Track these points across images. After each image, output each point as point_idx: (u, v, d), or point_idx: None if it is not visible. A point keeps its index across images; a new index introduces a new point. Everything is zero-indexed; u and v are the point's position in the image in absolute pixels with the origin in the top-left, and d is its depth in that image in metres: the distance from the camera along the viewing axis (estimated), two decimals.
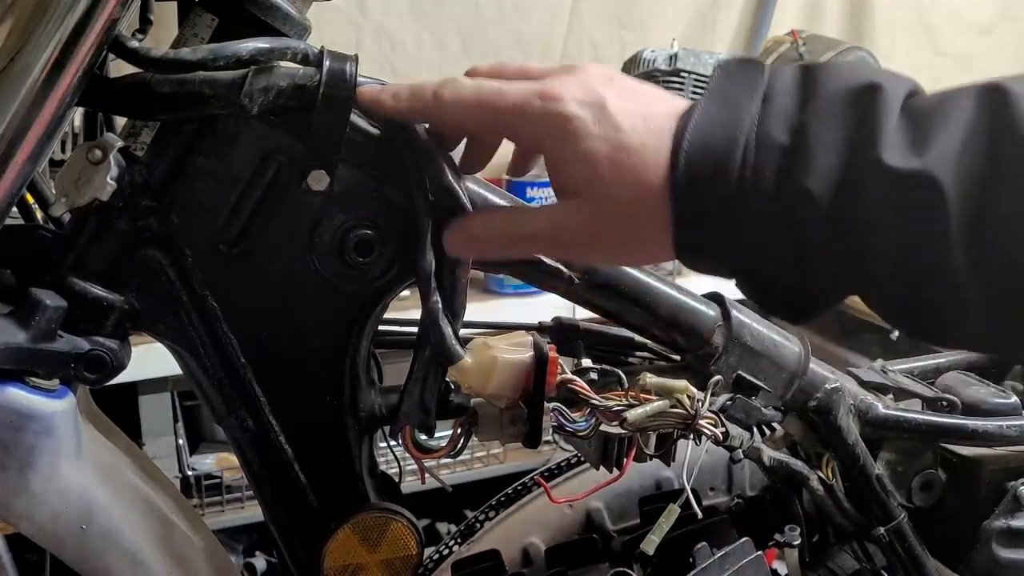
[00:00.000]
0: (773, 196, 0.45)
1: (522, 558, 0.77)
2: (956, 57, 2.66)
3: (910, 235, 0.44)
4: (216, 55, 0.52)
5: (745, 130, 0.46)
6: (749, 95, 0.47)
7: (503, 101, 0.51)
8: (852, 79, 0.46)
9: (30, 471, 0.53)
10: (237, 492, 1.72)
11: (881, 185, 0.43)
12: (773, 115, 0.46)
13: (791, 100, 0.47)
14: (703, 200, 0.47)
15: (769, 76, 0.48)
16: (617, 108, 0.49)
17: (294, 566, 0.64)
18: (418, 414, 0.59)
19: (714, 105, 0.48)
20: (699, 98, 0.49)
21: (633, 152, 0.48)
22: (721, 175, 0.46)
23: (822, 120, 0.45)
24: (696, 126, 0.47)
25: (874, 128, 0.44)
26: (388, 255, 0.59)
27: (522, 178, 1.89)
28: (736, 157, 0.46)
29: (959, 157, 0.43)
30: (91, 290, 0.55)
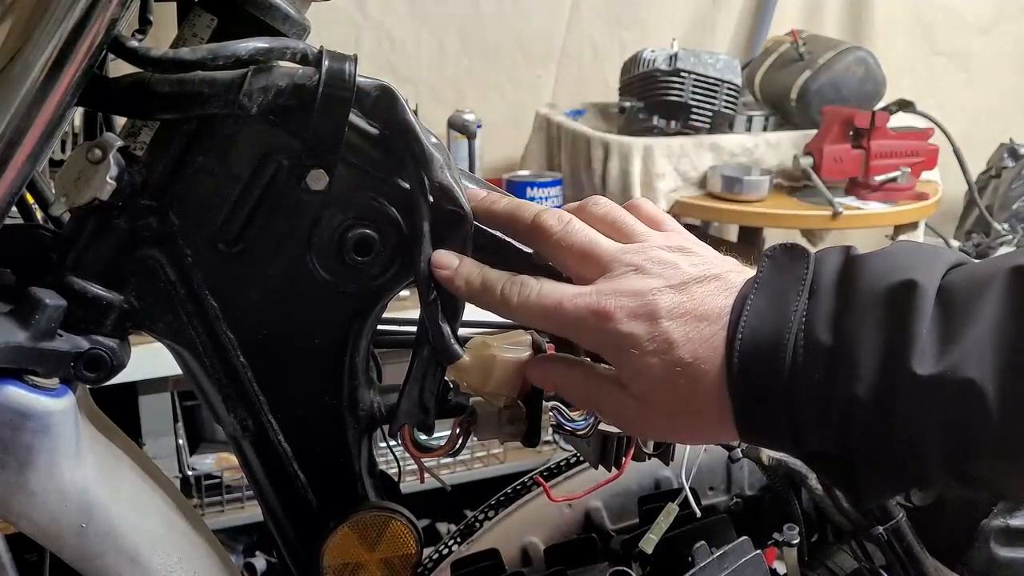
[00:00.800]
0: (822, 400, 0.47)
1: (521, 557, 0.77)
2: (953, 56, 2.66)
3: (953, 439, 0.45)
4: (215, 55, 0.52)
5: (793, 330, 0.48)
6: (796, 290, 0.49)
7: (562, 317, 0.53)
8: (890, 275, 0.48)
9: (29, 470, 0.53)
10: (237, 492, 1.72)
11: (915, 394, 0.45)
12: (819, 315, 0.48)
13: (834, 298, 0.48)
14: (758, 398, 0.49)
15: (814, 268, 0.50)
16: (670, 314, 0.51)
17: (293, 565, 0.64)
18: (417, 413, 0.59)
19: (763, 300, 0.50)
20: (748, 286, 0.51)
21: (687, 366, 0.50)
22: (773, 376, 0.48)
23: (862, 323, 0.47)
24: (747, 326, 0.49)
25: (907, 335, 0.45)
26: (387, 255, 0.59)
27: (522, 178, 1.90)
28: (785, 359, 0.48)
29: (993, 350, 0.44)
30: (91, 289, 0.55)
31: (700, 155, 1.93)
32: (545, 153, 2.08)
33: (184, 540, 0.62)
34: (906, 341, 0.45)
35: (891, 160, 1.95)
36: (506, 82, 2.29)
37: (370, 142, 0.57)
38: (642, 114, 1.96)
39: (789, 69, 2.10)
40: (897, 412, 0.45)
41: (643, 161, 1.88)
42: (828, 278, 0.49)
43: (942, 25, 2.63)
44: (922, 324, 0.45)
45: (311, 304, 0.59)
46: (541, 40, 2.31)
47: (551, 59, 2.33)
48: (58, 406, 0.53)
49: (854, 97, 2.03)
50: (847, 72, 2.04)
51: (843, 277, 0.49)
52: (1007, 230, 2.18)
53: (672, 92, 1.93)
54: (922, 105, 2.05)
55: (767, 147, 2.01)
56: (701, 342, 0.50)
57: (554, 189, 1.87)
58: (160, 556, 0.59)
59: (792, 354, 0.48)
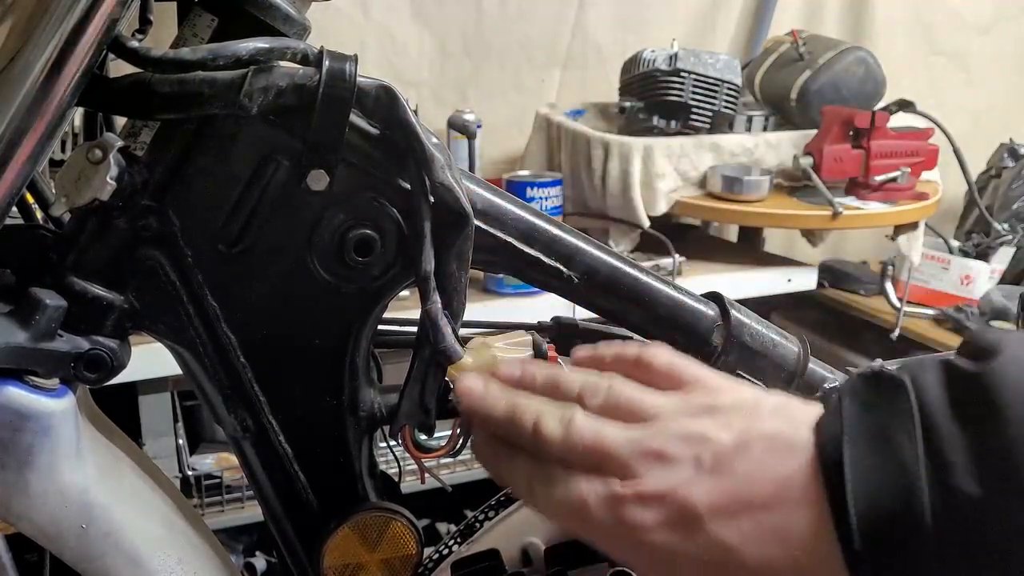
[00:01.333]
0: (995, 568, 0.36)
1: (522, 558, 0.77)
2: (953, 56, 2.66)
3: None
4: (216, 55, 0.52)
5: (921, 486, 0.37)
6: (904, 430, 0.38)
7: (589, 523, 0.43)
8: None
9: (29, 471, 0.53)
10: (237, 492, 1.72)
11: None
12: (950, 459, 0.36)
13: (963, 433, 0.37)
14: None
15: (918, 398, 0.38)
16: (712, 511, 0.40)
17: (293, 566, 0.64)
18: (418, 414, 0.59)
19: (863, 453, 0.38)
20: (828, 437, 0.39)
21: (753, 571, 0.40)
22: (915, 554, 0.37)
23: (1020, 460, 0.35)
24: (857, 495, 0.37)
25: None
26: (388, 255, 0.59)
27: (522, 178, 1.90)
28: (925, 528, 0.36)
29: None
30: (91, 290, 0.55)
31: (700, 155, 1.93)
32: (545, 153, 2.08)
33: (184, 540, 0.62)
34: None
35: (891, 160, 1.95)
36: (509, 85, 2.29)
37: (371, 142, 0.56)
38: (642, 114, 1.96)
39: (789, 69, 2.10)
40: None
41: (643, 161, 1.88)
42: (939, 405, 0.38)
43: (942, 25, 2.63)
44: None
45: (311, 304, 0.59)
46: (545, 43, 2.30)
47: (555, 62, 2.33)
48: (58, 407, 0.53)
49: (854, 97, 2.03)
50: (847, 72, 2.04)
51: (963, 401, 0.38)
52: (1007, 230, 2.18)
53: (672, 92, 1.93)
54: (922, 105, 2.05)
55: (767, 147, 2.01)
56: (769, 537, 0.39)
57: (554, 189, 1.87)
58: (160, 557, 0.59)
59: (932, 518, 0.36)
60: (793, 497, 0.39)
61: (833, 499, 0.38)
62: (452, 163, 0.57)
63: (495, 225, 0.61)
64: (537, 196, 1.83)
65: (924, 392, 0.38)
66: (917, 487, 0.36)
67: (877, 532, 0.37)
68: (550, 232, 0.63)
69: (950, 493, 0.36)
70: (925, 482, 0.36)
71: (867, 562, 0.37)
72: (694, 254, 1.94)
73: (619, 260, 0.65)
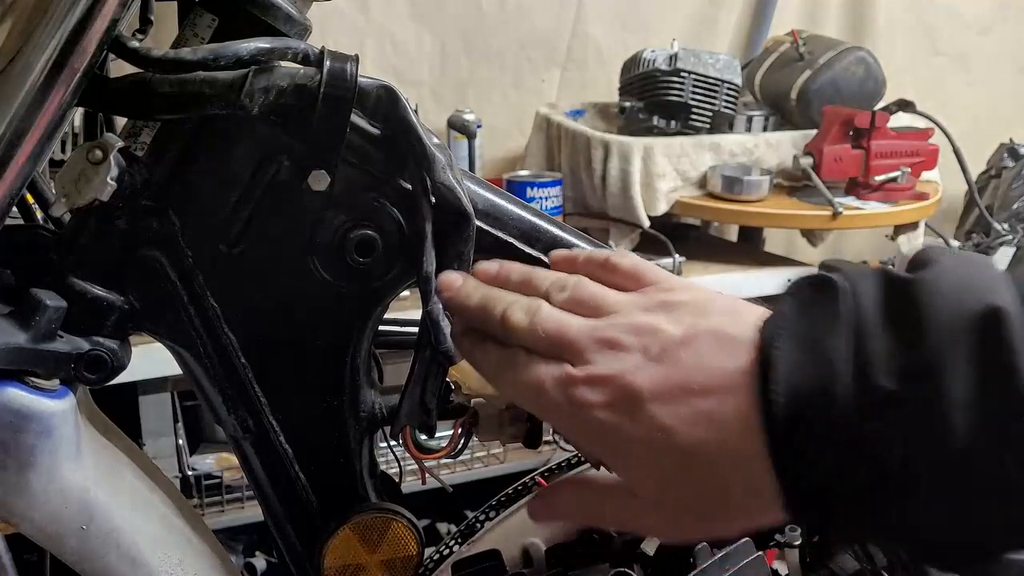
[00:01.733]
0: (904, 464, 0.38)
1: (522, 558, 0.77)
2: (955, 57, 2.66)
3: None
4: (216, 55, 0.52)
5: (844, 381, 0.39)
6: (834, 331, 0.40)
7: (543, 403, 0.47)
8: (960, 303, 0.39)
9: (30, 471, 0.53)
10: (237, 492, 1.72)
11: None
12: (874, 358, 0.39)
13: (890, 335, 0.39)
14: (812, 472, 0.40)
15: (853, 302, 0.41)
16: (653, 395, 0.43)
17: (293, 566, 0.64)
18: (419, 414, 0.59)
19: (795, 350, 0.40)
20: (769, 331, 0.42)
21: (692, 454, 0.42)
22: (829, 442, 0.39)
23: (943, 365, 0.38)
24: (782, 385, 0.40)
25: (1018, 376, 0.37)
26: (389, 256, 0.59)
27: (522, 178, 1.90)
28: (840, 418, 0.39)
29: None
30: (91, 290, 0.55)
31: (700, 155, 1.93)
32: (545, 153, 2.08)
33: (184, 540, 0.62)
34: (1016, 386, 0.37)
35: (891, 160, 1.95)
36: (509, 85, 2.29)
37: (372, 143, 0.56)
38: (642, 114, 1.96)
39: (789, 69, 2.10)
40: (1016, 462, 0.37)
41: (643, 161, 1.88)
42: (872, 311, 0.40)
43: (942, 25, 2.63)
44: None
45: (312, 305, 0.59)
46: (545, 43, 2.30)
47: (555, 62, 2.33)
48: (59, 407, 0.53)
49: (854, 97, 2.03)
50: (847, 72, 2.04)
51: (892, 307, 0.40)
52: (1007, 230, 2.18)
53: (672, 92, 1.93)
54: (924, 105, 2.05)
55: (767, 147, 2.01)
56: (702, 421, 0.42)
57: (554, 189, 1.87)
58: (160, 557, 0.59)
59: (848, 409, 0.39)
60: (727, 385, 0.42)
61: (762, 388, 0.41)
62: (453, 163, 0.57)
63: (495, 225, 0.61)
64: (537, 196, 1.83)
65: (859, 296, 0.41)
66: (838, 381, 0.39)
67: (797, 420, 0.39)
68: (550, 232, 0.62)
69: (869, 389, 0.38)
70: (847, 376, 0.39)
71: (786, 447, 0.40)
72: (694, 254, 1.94)
73: None
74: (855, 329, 0.40)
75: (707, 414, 0.42)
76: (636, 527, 0.50)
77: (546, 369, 0.47)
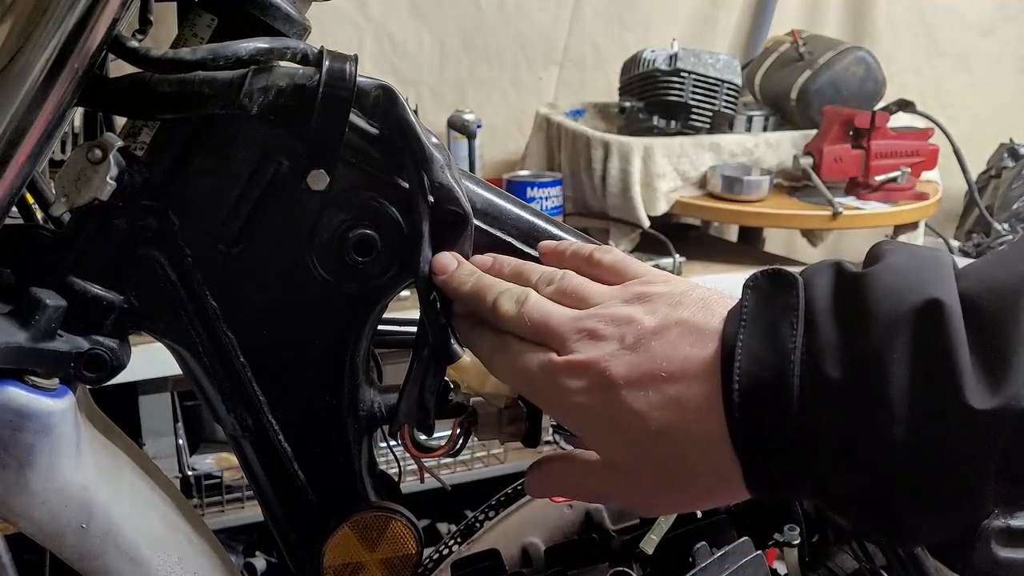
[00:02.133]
0: (848, 443, 0.42)
1: (522, 558, 0.77)
2: (956, 57, 2.66)
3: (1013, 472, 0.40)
4: (216, 55, 0.52)
5: (796, 370, 0.42)
6: (789, 323, 0.44)
7: (531, 386, 0.51)
8: (903, 295, 0.42)
9: (29, 470, 0.53)
10: (237, 492, 1.72)
11: (973, 431, 0.40)
12: (821, 348, 0.42)
13: (835, 327, 0.43)
14: (769, 452, 0.44)
15: (805, 294, 0.44)
16: (627, 381, 0.47)
17: (293, 565, 0.64)
18: (417, 413, 0.59)
19: (755, 339, 0.44)
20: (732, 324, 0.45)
21: (662, 436, 0.46)
22: (783, 425, 0.43)
23: (885, 355, 0.41)
24: (743, 373, 0.44)
25: (950, 365, 0.40)
26: (387, 255, 0.59)
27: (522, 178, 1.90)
28: (793, 403, 0.42)
29: None
30: (91, 289, 0.55)
31: (700, 155, 1.93)
32: (545, 153, 2.08)
33: (184, 540, 0.62)
34: (951, 373, 0.40)
35: (891, 160, 1.95)
36: (508, 84, 2.29)
37: (371, 142, 0.56)
38: (642, 114, 1.96)
39: (789, 69, 2.10)
40: (949, 450, 0.40)
41: (643, 161, 1.88)
42: (823, 303, 0.44)
43: (944, 26, 2.63)
44: (962, 352, 0.40)
45: (311, 304, 0.59)
46: (543, 42, 2.31)
47: (553, 61, 2.33)
48: (58, 406, 0.53)
49: (854, 97, 2.03)
50: (847, 72, 2.04)
51: (841, 301, 0.44)
52: (1007, 230, 2.18)
53: (672, 92, 1.93)
54: (926, 106, 2.05)
55: (767, 147, 2.01)
56: (670, 405, 0.46)
57: (554, 189, 1.87)
58: (160, 556, 0.59)
59: (799, 396, 0.42)
60: (694, 373, 0.46)
61: (723, 375, 0.44)
62: (452, 163, 0.57)
63: (495, 225, 0.61)
64: (537, 196, 1.84)
65: (812, 288, 0.45)
66: (790, 370, 0.42)
67: (753, 405, 0.43)
68: (550, 232, 0.62)
69: (816, 375, 0.42)
70: (797, 365, 0.42)
71: (743, 431, 0.44)
72: (694, 254, 1.94)
73: None
74: (806, 320, 0.43)
75: (675, 399, 0.46)
76: (614, 499, 0.54)
77: (533, 356, 0.51)
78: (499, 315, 0.53)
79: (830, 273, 0.45)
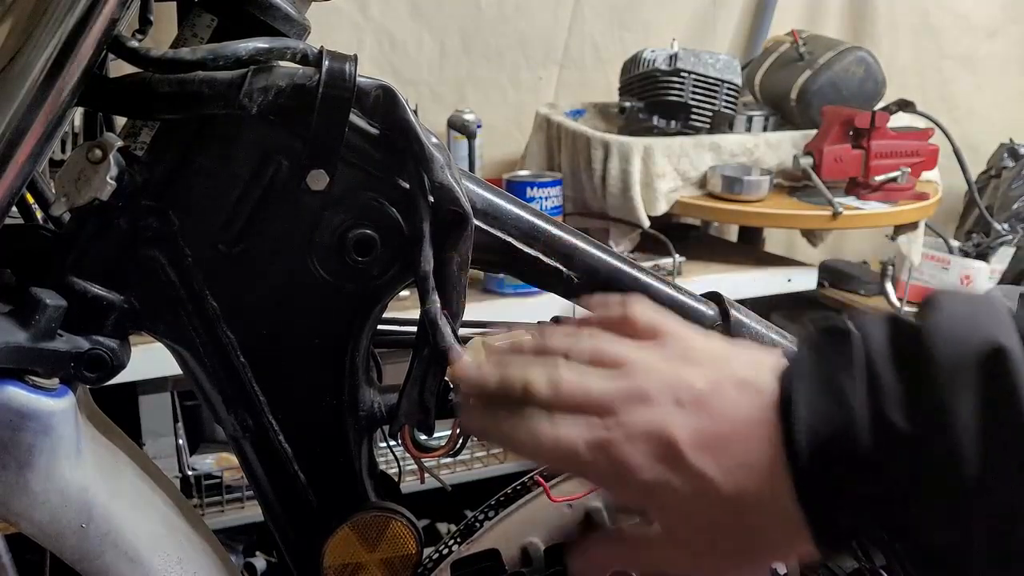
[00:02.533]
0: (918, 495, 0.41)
1: (522, 557, 0.77)
2: (962, 59, 2.66)
3: None
4: (215, 55, 0.52)
5: (862, 422, 0.42)
6: (849, 373, 0.43)
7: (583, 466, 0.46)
8: (964, 342, 0.41)
9: (29, 470, 0.53)
10: (237, 492, 1.72)
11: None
12: (887, 399, 0.42)
13: (900, 378, 0.42)
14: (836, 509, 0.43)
15: (864, 346, 0.43)
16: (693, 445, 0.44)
17: (293, 565, 0.64)
18: (417, 413, 0.59)
19: (812, 392, 0.43)
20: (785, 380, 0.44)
21: (732, 499, 0.44)
22: (850, 481, 0.42)
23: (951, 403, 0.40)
24: (802, 427, 0.42)
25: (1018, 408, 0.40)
26: (387, 255, 0.59)
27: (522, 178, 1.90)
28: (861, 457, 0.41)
29: None
30: (91, 289, 0.55)
31: (700, 155, 1.93)
32: (545, 153, 2.08)
33: (184, 540, 0.62)
34: (1016, 415, 0.39)
35: (891, 160, 1.95)
36: (508, 84, 2.29)
37: (371, 142, 0.57)
38: (642, 114, 1.96)
39: (789, 69, 2.10)
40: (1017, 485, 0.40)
41: (643, 161, 1.88)
42: (882, 354, 0.43)
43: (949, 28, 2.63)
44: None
45: (311, 304, 0.59)
46: (543, 42, 2.30)
47: (553, 61, 2.33)
48: (58, 406, 0.53)
49: (854, 97, 2.03)
50: (847, 72, 2.04)
51: (901, 351, 0.43)
52: (1007, 230, 2.18)
53: (672, 92, 1.93)
54: (932, 108, 2.05)
55: (767, 147, 2.01)
56: (736, 466, 0.44)
57: (554, 189, 1.86)
58: (160, 556, 0.59)
59: (868, 448, 0.41)
60: (756, 433, 0.44)
61: (785, 432, 0.43)
62: (452, 163, 0.57)
63: (495, 225, 0.61)
64: (537, 196, 1.83)
65: (870, 341, 0.43)
66: (856, 422, 0.41)
67: (819, 461, 0.42)
68: (550, 232, 0.63)
69: (884, 427, 0.41)
70: (864, 418, 0.41)
71: (811, 487, 0.42)
72: (694, 254, 1.94)
73: (619, 260, 0.65)
74: (868, 372, 0.42)
75: (740, 459, 0.44)
76: (674, 572, 0.49)
77: (575, 430, 0.46)
78: (532, 395, 0.48)
79: (886, 324, 0.44)
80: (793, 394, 0.43)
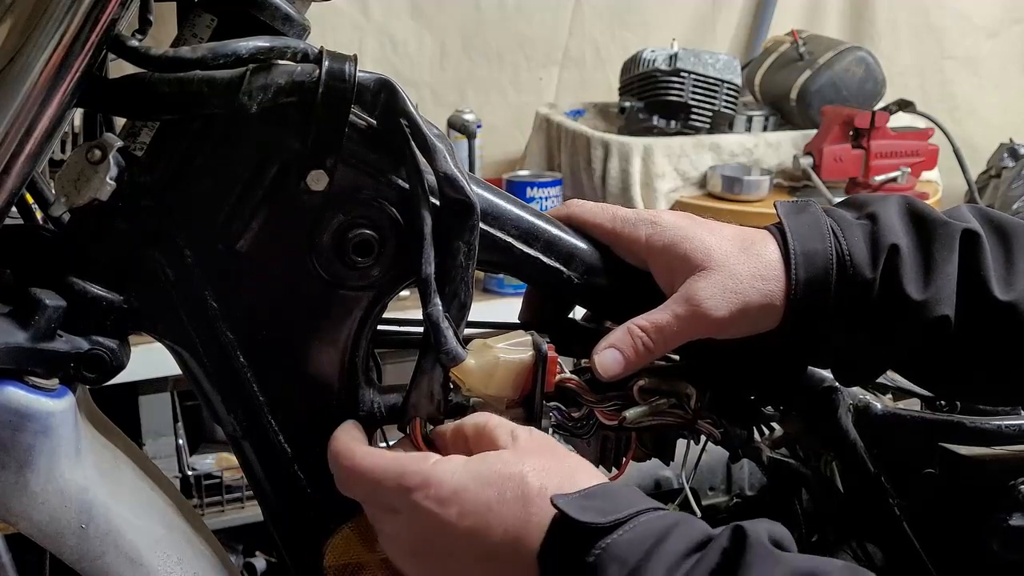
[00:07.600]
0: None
1: None
2: (962, 59, 2.65)
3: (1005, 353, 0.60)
4: (215, 54, 0.52)
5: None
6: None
7: None
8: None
9: (29, 471, 0.53)
10: (237, 492, 1.72)
11: (992, 317, 0.58)
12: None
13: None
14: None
15: None
16: None
17: (293, 565, 0.64)
18: (427, 405, 0.59)
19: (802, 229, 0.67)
20: None
21: None
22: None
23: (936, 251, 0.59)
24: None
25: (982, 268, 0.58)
26: (388, 255, 0.59)
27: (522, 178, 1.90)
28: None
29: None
30: (91, 290, 0.55)
31: (700, 155, 1.93)
32: (545, 153, 2.08)
33: (184, 540, 0.62)
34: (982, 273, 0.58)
35: (891, 160, 1.95)
36: (508, 84, 2.29)
37: (370, 142, 0.56)
38: (642, 114, 1.96)
39: (789, 69, 2.10)
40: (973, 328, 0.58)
41: (643, 161, 1.88)
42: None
43: (950, 28, 2.62)
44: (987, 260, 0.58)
45: (311, 304, 0.59)
46: (543, 42, 2.30)
47: (553, 61, 2.33)
48: (58, 407, 0.53)
49: (854, 97, 2.03)
50: (847, 72, 2.04)
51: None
52: None
53: (672, 92, 1.93)
54: (933, 108, 2.05)
55: (767, 147, 2.00)
56: None
57: (554, 189, 1.86)
58: (160, 556, 0.59)
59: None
60: None
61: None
62: (454, 153, 0.57)
63: (495, 225, 0.61)
64: (537, 196, 1.83)
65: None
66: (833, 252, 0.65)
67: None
68: (550, 232, 0.63)
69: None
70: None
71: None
72: None
73: None
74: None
75: None
76: None
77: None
78: None
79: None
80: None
